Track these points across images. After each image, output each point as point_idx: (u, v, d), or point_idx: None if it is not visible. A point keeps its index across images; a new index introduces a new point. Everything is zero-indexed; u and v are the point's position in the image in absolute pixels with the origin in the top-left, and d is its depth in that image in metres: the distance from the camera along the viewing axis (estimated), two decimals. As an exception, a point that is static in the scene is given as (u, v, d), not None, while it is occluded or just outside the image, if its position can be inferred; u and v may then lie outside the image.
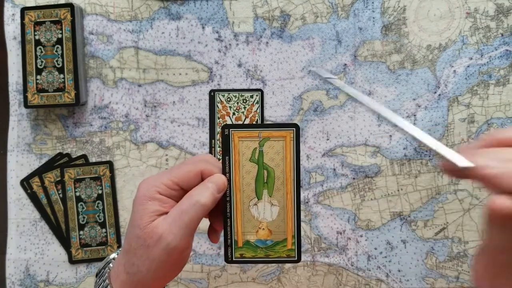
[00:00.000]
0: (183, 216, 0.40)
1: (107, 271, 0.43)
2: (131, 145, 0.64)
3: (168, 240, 0.39)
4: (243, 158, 0.43)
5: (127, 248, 0.41)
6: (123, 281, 0.41)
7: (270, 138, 0.43)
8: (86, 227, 0.63)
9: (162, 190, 0.41)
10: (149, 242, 0.40)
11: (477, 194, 0.61)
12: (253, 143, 0.43)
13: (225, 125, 0.43)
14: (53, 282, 0.64)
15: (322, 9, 0.62)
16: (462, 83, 0.61)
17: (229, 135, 0.43)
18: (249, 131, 0.43)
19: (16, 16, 0.63)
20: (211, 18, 0.63)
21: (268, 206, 0.43)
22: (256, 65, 0.63)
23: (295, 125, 0.43)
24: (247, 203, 0.43)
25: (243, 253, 0.44)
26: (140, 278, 0.41)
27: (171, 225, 0.40)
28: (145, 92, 0.63)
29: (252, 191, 0.43)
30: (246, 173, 0.43)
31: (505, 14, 0.61)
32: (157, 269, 0.40)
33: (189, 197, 0.41)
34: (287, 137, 0.43)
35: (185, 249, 0.41)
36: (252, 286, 0.63)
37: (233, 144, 0.43)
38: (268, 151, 0.43)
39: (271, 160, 0.43)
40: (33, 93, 0.61)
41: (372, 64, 0.62)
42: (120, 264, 0.42)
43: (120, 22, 0.63)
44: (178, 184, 0.41)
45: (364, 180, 0.62)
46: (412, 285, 0.62)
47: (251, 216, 0.43)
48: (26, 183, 0.64)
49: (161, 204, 0.41)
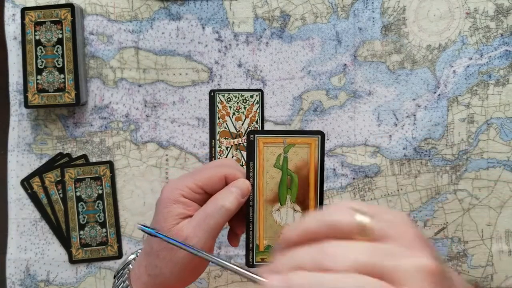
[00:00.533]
0: (208, 220, 0.40)
1: (126, 272, 0.43)
2: (131, 145, 0.64)
3: (193, 243, 0.39)
4: (267, 164, 0.43)
5: (149, 250, 0.41)
6: (145, 283, 0.41)
7: (295, 145, 0.43)
8: (86, 227, 0.63)
9: (186, 193, 0.41)
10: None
11: (477, 194, 0.62)
12: (277, 149, 0.43)
13: (251, 130, 0.44)
14: (54, 282, 0.64)
15: (322, 9, 0.62)
16: (461, 83, 0.61)
17: (254, 140, 0.43)
18: (274, 137, 0.43)
19: (16, 16, 0.63)
20: (211, 18, 0.63)
21: (290, 212, 0.44)
22: (256, 65, 0.63)
23: (321, 133, 0.43)
24: (270, 208, 0.44)
25: (265, 258, 0.44)
26: (162, 280, 0.41)
27: (195, 228, 0.40)
28: (145, 92, 0.64)
29: (275, 196, 0.43)
30: (270, 178, 0.43)
31: (505, 14, 0.61)
32: (180, 272, 0.40)
33: (214, 201, 0.41)
34: (312, 144, 0.43)
35: (208, 252, 0.41)
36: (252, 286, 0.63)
37: (258, 150, 0.43)
38: (293, 157, 0.43)
39: (295, 166, 0.43)
40: (34, 93, 0.61)
41: (372, 64, 0.62)
42: (141, 266, 0.42)
43: (120, 22, 0.63)
44: (202, 188, 0.42)
45: (364, 180, 0.62)
46: (412, 285, 0.62)
47: (274, 221, 0.44)
48: (26, 183, 0.64)
49: (185, 207, 0.41)
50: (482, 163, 0.61)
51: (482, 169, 0.61)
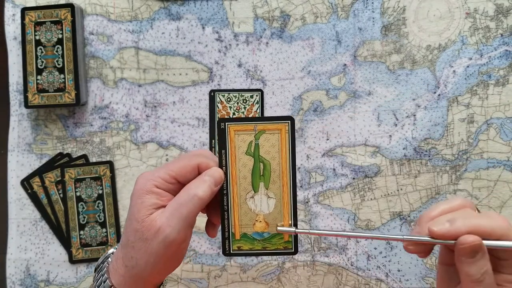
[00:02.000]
0: (181, 209, 0.40)
1: (105, 266, 0.44)
2: (131, 145, 0.64)
3: (166, 233, 0.40)
4: (239, 152, 0.43)
5: (125, 242, 0.42)
6: (122, 274, 0.42)
7: (265, 131, 0.43)
8: (86, 227, 0.63)
9: (159, 183, 0.41)
10: (147, 235, 0.40)
11: (476, 194, 0.62)
12: (248, 136, 0.43)
13: (221, 119, 0.43)
14: (54, 282, 0.64)
15: (322, 10, 0.62)
16: (461, 83, 0.61)
17: (225, 128, 0.43)
18: (244, 124, 0.43)
19: (16, 16, 0.64)
20: (211, 18, 0.63)
21: (264, 198, 0.44)
22: (256, 65, 0.63)
23: (290, 118, 0.43)
24: (244, 196, 0.44)
25: (241, 246, 0.44)
26: (138, 271, 0.41)
27: (169, 218, 0.40)
28: (145, 92, 0.64)
29: (249, 184, 0.44)
30: (243, 166, 0.43)
31: (505, 14, 0.61)
32: (156, 262, 0.40)
33: (187, 190, 0.41)
34: (283, 130, 0.43)
35: (182, 241, 0.41)
36: (252, 286, 0.63)
37: (229, 138, 0.43)
38: (264, 144, 0.43)
39: (267, 153, 0.43)
40: (34, 93, 0.61)
41: (372, 64, 0.62)
42: (119, 258, 0.42)
43: (120, 22, 0.63)
44: (175, 178, 0.42)
45: (364, 180, 0.63)
46: (411, 285, 0.62)
47: (248, 208, 0.44)
48: (26, 183, 0.64)
49: (158, 197, 0.41)
50: (482, 163, 0.61)
51: (482, 169, 0.61)
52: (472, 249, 0.36)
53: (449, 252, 0.39)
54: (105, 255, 0.46)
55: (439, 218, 0.38)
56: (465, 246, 0.36)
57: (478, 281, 0.36)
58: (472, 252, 0.36)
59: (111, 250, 0.46)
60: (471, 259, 0.36)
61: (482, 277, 0.36)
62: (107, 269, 0.43)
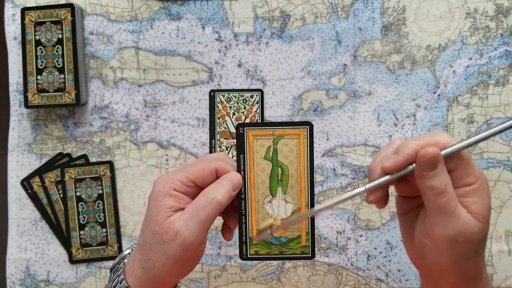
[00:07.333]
0: (200, 212, 0.40)
1: (122, 266, 0.44)
2: (131, 145, 0.64)
3: (185, 236, 0.40)
4: (258, 156, 0.44)
5: (142, 244, 0.42)
6: (139, 276, 0.42)
7: (284, 136, 0.43)
8: (86, 227, 0.63)
9: (177, 186, 0.42)
10: (165, 238, 0.40)
11: (476, 194, 0.62)
12: (267, 141, 0.43)
13: (240, 123, 0.44)
14: (54, 282, 0.64)
15: (322, 10, 0.62)
16: (461, 83, 0.61)
17: (243, 133, 0.43)
18: (263, 129, 0.43)
19: (16, 16, 0.64)
20: (211, 18, 0.63)
21: (282, 203, 0.44)
22: (256, 65, 0.63)
23: (309, 123, 0.43)
24: (262, 200, 0.44)
25: (258, 250, 0.44)
26: (155, 273, 0.41)
27: (187, 221, 0.40)
28: (145, 92, 0.64)
29: (267, 188, 0.44)
30: (261, 171, 0.44)
31: (505, 14, 0.61)
32: (173, 265, 0.41)
33: (205, 194, 0.41)
34: (301, 135, 0.43)
35: (200, 244, 0.41)
36: (252, 285, 0.63)
37: (248, 143, 0.43)
38: (282, 149, 0.43)
39: (285, 158, 0.43)
40: (34, 93, 0.61)
41: (372, 64, 0.62)
42: (135, 259, 0.42)
43: (120, 22, 0.63)
44: (193, 181, 0.42)
45: (364, 180, 0.63)
46: (411, 285, 0.62)
47: (266, 213, 0.44)
48: (26, 183, 0.64)
49: (176, 200, 0.41)
50: (482, 163, 0.61)
51: (482, 169, 0.61)
52: (434, 159, 0.36)
53: (405, 199, 0.42)
54: (121, 256, 0.46)
55: (384, 155, 0.40)
56: (427, 157, 0.36)
57: (443, 192, 0.36)
58: (433, 164, 0.37)
59: (127, 251, 0.46)
60: (433, 171, 0.37)
61: (445, 188, 0.36)
62: (123, 270, 0.43)
